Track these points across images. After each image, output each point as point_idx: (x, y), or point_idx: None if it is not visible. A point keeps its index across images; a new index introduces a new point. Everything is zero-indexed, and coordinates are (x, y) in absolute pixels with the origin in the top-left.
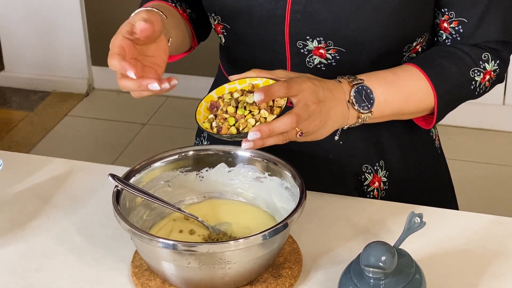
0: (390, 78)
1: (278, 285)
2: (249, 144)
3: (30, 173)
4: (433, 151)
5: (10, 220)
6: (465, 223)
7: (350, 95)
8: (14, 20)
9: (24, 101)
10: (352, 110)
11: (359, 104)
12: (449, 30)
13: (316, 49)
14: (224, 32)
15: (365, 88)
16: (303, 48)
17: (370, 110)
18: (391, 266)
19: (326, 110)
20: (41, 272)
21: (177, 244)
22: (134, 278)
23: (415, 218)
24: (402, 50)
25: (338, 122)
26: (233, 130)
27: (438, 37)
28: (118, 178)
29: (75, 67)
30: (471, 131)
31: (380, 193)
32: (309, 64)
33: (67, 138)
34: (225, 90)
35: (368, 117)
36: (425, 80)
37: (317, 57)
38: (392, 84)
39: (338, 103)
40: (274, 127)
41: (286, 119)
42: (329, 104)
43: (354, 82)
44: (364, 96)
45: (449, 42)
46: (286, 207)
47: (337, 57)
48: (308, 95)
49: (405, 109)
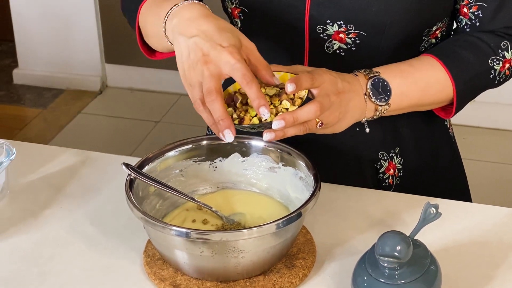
0: (407, 70)
1: (292, 275)
2: (270, 135)
3: (43, 163)
4: (447, 140)
5: (23, 209)
6: (481, 215)
7: (367, 88)
8: (28, 18)
9: (38, 99)
10: (369, 102)
11: (376, 96)
12: (468, 15)
13: (336, 34)
14: (241, 16)
15: (381, 80)
16: (322, 33)
17: (387, 102)
18: (406, 256)
19: (345, 101)
20: (54, 260)
21: (190, 232)
22: (147, 267)
23: (431, 208)
24: (422, 34)
25: (356, 115)
26: (255, 120)
27: (458, 23)
28: (131, 167)
29: (88, 64)
30: (486, 131)
31: (395, 180)
32: (328, 50)
33: (80, 136)
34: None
35: (385, 109)
36: (443, 71)
37: (337, 42)
38: (408, 75)
39: (356, 95)
40: (298, 115)
41: (310, 107)
42: (348, 95)
43: (370, 75)
44: (380, 88)
45: (468, 28)
46: (300, 197)
47: (357, 41)
48: (329, 86)
49: (423, 100)
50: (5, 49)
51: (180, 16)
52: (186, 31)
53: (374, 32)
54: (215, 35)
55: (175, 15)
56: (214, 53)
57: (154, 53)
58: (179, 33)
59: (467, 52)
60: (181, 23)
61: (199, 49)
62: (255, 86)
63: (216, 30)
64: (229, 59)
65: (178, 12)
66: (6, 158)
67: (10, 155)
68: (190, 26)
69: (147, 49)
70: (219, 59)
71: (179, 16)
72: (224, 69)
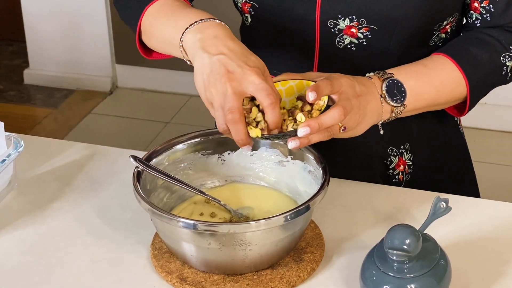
0: (420, 70)
1: (300, 269)
2: (295, 143)
3: (51, 157)
4: (457, 136)
5: (30, 201)
6: (491, 211)
7: (382, 90)
8: (39, 18)
9: (48, 99)
10: (385, 104)
11: (391, 98)
12: (479, 10)
13: (348, 28)
14: (251, 12)
15: (395, 81)
16: (333, 28)
17: (403, 103)
18: (415, 250)
19: (364, 104)
20: (61, 252)
21: (197, 223)
22: (154, 260)
23: (441, 203)
24: (432, 29)
25: (374, 118)
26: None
27: (468, 18)
28: (139, 159)
29: (99, 65)
30: (496, 134)
31: (405, 176)
32: (339, 45)
33: (90, 136)
34: None
35: (401, 110)
36: (457, 69)
37: (348, 36)
38: (422, 75)
39: (372, 97)
40: (322, 120)
41: (334, 111)
42: (365, 98)
43: (384, 77)
44: (395, 89)
45: (478, 23)
46: (308, 191)
47: (369, 36)
48: (348, 89)
49: (437, 100)
50: (16, 49)
51: (206, 33)
52: (212, 49)
53: (385, 27)
54: (242, 56)
55: (200, 30)
56: (240, 72)
57: (151, 53)
58: (204, 50)
59: (478, 49)
60: (206, 40)
61: (224, 66)
62: (277, 109)
63: (243, 51)
64: (254, 79)
65: (204, 28)
66: (14, 150)
67: (18, 148)
68: (216, 44)
69: (143, 47)
70: (244, 78)
71: (205, 32)
72: (248, 88)
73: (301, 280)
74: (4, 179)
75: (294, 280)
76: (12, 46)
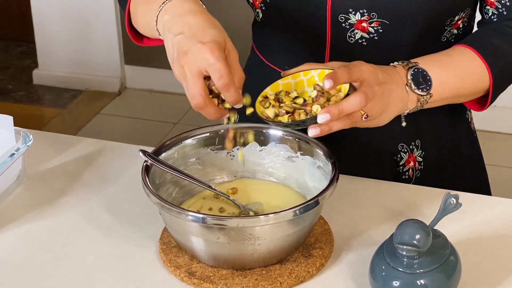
0: (444, 60)
1: (309, 265)
2: (315, 130)
3: (60, 152)
4: (469, 134)
5: (38, 196)
6: (501, 208)
7: (407, 78)
8: (48, 19)
9: (57, 99)
10: (411, 93)
11: (417, 86)
12: (495, 4)
13: (359, 23)
14: (262, 7)
15: (421, 70)
16: (344, 22)
17: (429, 92)
18: (425, 245)
19: (387, 92)
20: (68, 246)
21: (206, 217)
22: (162, 255)
23: (451, 199)
24: (444, 24)
25: (399, 107)
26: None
27: (484, 14)
28: (148, 153)
29: (108, 66)
30: (507, 137)
31: (415, 173)
32: (350, 39)
33: (98, 136)
34: (279, 86)
35: (427, 100)
36: (479, 59)
37: (359, 31)
38: (447, 65)
39: (397, 86)
40: (343, 106)
41: (355, 97)
42: (389, 86)
43: (409, 65)
44: (421, 78)
45: (495, 18)
46: (318, 186)
47: (380, 30)
48: (370, 77)
49: (462, 90)
50: (25, 49)
51: (172, 12)
52: (174, 28)
53: (397, 21)
54: (198, 32)
55: (167, 11)
56: (194, 50)
57: (142, 39)
58: (168, 30)
59: (499, 40)
60: (171, 19)
61: (181, 46)
62: (232, 90)
63: (200, 27)
64: (208, 57)
65: (170, 8)
66: (23, 144)
67: (27, 142)
68: (178, 23)
69: (135, 33)
70: (198, 56)
71: (170, 12)
72: (202, 65)
73: (310, 276)
74: (13, 173)
75: (303, 275)
76: (21, 46)
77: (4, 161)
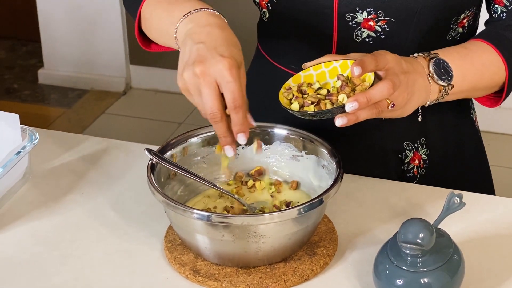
0: (463, 52)
1: (313, 263)
2: (343, 120)
3: (66, 150)
4: (473, 133)
5: (44, 194)
6: (505, 208)
7: (429, 69)
8: (54, 19)
9: (62, 98)
10: (433, 84)
11: (439, 77)
12: (503, 2)
13: (365, 21)
14: (268, 6)
15: (442, 61)
16: (351, 21)
17: (450, 82)
18: (429, 244)
19: (412, 82)
20: (74, 244)
21: (211, 215)
22: (167, 252)
23: (455, 198)
24: (450, 22)
25: (422, 97)
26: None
27: (493, 13)
28: (153, 152)
29: (113, 65)
30: (510, 138)
31: (420, 171)
32: (356, 38)
33: (103, 136)
34: (301, 78)
35: (448, 91)
36: (495, 53)
37: (366, 30)
38: (466, 57)
39: (419, 76)
40: (371, 94)
41: (382, 85)
42: (413, 76)
43: (430, 56)
44: (442, 68)
45: (504, 16)
46: (322, 185)
47: (387, 29)
48: (395, 65)
49: (480, 83)
50: (31, 49)
51: (197, 23)
52: (196, 36)
53: (403, 19)
54: (221, 46)
55: (191, 20)
56: (212, 61)
57: (150, 45)
58: (189, 37)
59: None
60: (195, 28)
61: (199, 54)
62: (242, 113)
63: (223, 41)
64: (225, 74)
65: (195, 18)
66: (29, 142)
67: (33, 140)
68: (202, 32)
69: (143, 39)
70: (214, 69)
71: (195, 22)
72: (217, 78)
73: (314, 274)
74: (19, 171)
75: (307, 273)
76: (27, 46)
77: (10, 159)
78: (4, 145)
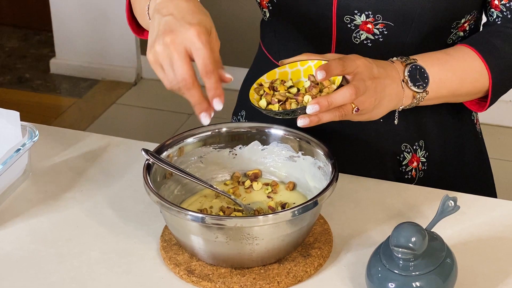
0: (444, 58)
1: (307, 265)
2: (304, 120)
3: (66, 147)
4: (474, 135)
5: (44, 191)
6: (502, 210)
7: (404, 74)
8: (66, 9)
9: (73, 88)
10: (407, 89)
11: (414, 83)
12: (500, 7)
13: (364, 24)
14: (269, 7)
15: (418, 67)
16: (350, 23)
17: (425, 89)
18: (421, 248)
19: (381, 87)
20: (72, 242)
21: (205, 217)
22: (163, 252)
23: (449, 201)
24: (450, 26)
25: (393, 102)
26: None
27: (489, 16)
28: (150, 152)
29: (124, 56)
30: None
31: (418, 173)
32: (355, 40)
33: (113, 126)
34: (276, 75)
35: (423, 97)
36: (479, 60)
37: (364, 32)
38: (446, 63)
39: (392, 81)
40: (332, 98)
41: (345, 90)
42: (383, 81)
43: (407, 62)
44: (418, 75)
45: (499, 21)
46: (318, 186)
47: (385, 32)
48: (364, 71)
49: (460, 89)
50: (43, 39)
51: None
52: (164, 10)
53: (402, 23)
54: (187, 15)
55: None
56: (181, 30)
57: (143, 32)
58: (158, 12)
59: (501, 41)
60: (162, 2)
61: (169, 26)
62: (214, 78)
63: (190, 10)
64: (195, 40)
65: None
66: (29, 140)
67: (33, 137)
68: (168, 6)
69: (136, 26)
70: (184, 37)
71: None
72: (187, 46)
73: (308, 276)
74: (19, 168)
75: (301, 275)
76: (39, 35)
77: (10, 156)
78: (4, 142)
